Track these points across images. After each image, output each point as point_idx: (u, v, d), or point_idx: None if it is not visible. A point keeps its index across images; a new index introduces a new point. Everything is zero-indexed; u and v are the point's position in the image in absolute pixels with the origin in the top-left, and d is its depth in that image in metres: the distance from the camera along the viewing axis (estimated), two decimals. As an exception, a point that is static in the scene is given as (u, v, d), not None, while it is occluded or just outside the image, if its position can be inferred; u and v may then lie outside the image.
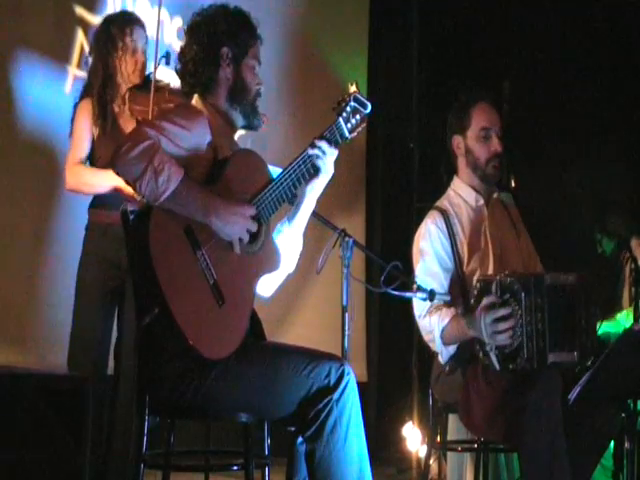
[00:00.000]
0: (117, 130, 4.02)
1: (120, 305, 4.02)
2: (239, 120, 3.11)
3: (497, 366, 3.35)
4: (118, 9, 5.23)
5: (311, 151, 3.02)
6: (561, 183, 6.22)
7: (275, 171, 3.05)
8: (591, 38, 6.28)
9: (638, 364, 3.34)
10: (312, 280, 5.66)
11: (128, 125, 4.03)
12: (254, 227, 2.91)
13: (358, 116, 3.08)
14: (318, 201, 3.17)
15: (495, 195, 3.83)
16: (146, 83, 4.02)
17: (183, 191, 2.76)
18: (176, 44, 5.59)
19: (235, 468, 3.14)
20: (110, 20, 4.13)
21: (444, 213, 3.72)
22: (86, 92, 4.08)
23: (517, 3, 6.52)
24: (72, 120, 4.08)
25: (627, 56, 6.25)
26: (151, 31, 4.13)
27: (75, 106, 4.09)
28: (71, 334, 4.00)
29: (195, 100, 3.09)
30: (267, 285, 3.11)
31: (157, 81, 4.03)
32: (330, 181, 3.11)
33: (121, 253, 3.91)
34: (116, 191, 3.87)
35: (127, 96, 3.98)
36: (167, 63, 4.01)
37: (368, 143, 6.43)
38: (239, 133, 3.23)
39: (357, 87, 3.11)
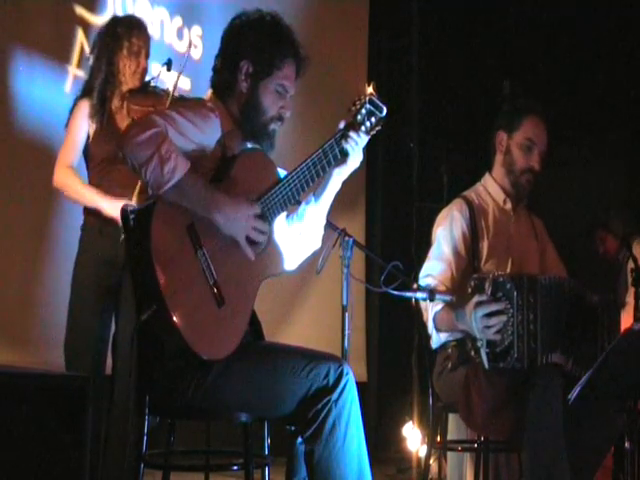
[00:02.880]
0: (113, 128, 4.02)
1: (117, 303, 4.00)
2: (248, 135, 3.03)
3: (486, 364, 3.35)
4: (118, 9, 5.25)
5: (344, 143, 3.01)
6: (561, 182, 6.23)
7: (281, 172, 3.03)
8: (591, 38, 6.28)
9: (638, 364, 3.35)
10: (312, 280, 5.67)
11: (124, 124, 4.00)
12: (263, 226, 2.88)
13: (373, 119, 3.04)
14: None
15: (523, 204, 3.83)
16: (144, 87, 4.04)
17: (187, 183, 2.74)
18: (176, 44, 5.61)
19: (235, 468, 3.14)
20: (117, 21, 4.14)
21: (470, 204, 3.71)
22: (87, 90, 4.08)
23: (517, 3, 6.52)
24: (70, 113, 4.08)
25: (627, 56, 6.25)
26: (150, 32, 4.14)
27: (75, 100, 4.10)
28: (67, 334, 4.00)
29: (209, 95, 3.05)
30: (292, 258, 3.12)
31: (156, 87, 4.06)
32: (358, 168, 3.11)
33: (116, 251, 3.93)
34: (96, 211, 3.94)
35: (126, 96, 3.99)
36: (168, 70, 4.05)
37: (368, 143, 6.43)
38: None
39: (374, 88, 3.05)
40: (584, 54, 6.31)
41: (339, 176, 3.11)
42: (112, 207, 3.89)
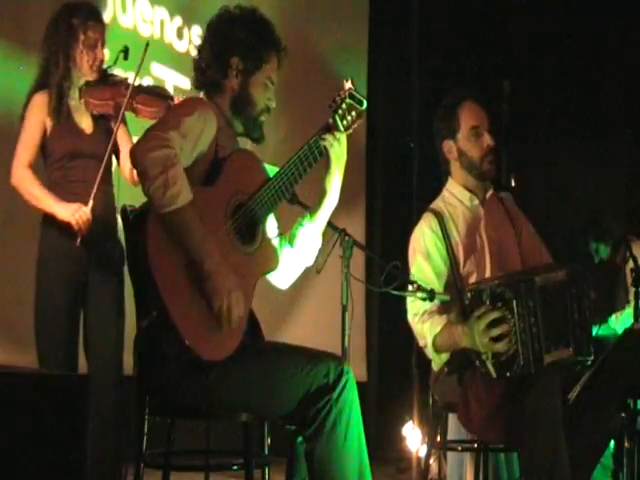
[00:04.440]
0: (71, 124, 3.93)
1: (85, 301, 3.92)
2: (240, 128, 3.09)
3: (494, 374, 3.36)
4: (118, 9, 5.24)
5: (327, 138, 3.03)
6: (560, 183, 6.23)
7: (273, 170, 3.05)
8: (591, 38, 6.28)
9: (638, 364, 3.35)
10: (312, 280, 5.67)
11: (83, 120, 3.96)
12: (241, 309, 2.81)
13: (354, 112, 3.07)
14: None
15: (490, 192, 3.81)
16: (103, 78, 3.94)
17: (185, 215, 2.73)
18: (176, 44, 5.61)
19: (235, 468, 3.14)
20: (71, 10, 3.93)
21: (438, 215, 3.70)
22: (41, 84, 3.93)
23: (517, 3, 6.53)
24: (24, 108, 3.94)
25: (627, 56, 6.25)
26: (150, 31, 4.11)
27: (29, 95, 3.95)
28: (37, 338, 3.87)
29: (202, 97, 3.09)
30: (285, 277, 3.14)
31: (114, 75, 3.97)
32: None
33: (83, 247, 3.85)
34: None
35: (83, 90, 3.89)
36: (125, 58, 3.94)
37: (368, 143, 6.43)
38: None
39: (353, 83, 3.11)
40: (584, 54, 6.31)
41: (330, 183, 3.10)
42: (66, 211, 3.81)
